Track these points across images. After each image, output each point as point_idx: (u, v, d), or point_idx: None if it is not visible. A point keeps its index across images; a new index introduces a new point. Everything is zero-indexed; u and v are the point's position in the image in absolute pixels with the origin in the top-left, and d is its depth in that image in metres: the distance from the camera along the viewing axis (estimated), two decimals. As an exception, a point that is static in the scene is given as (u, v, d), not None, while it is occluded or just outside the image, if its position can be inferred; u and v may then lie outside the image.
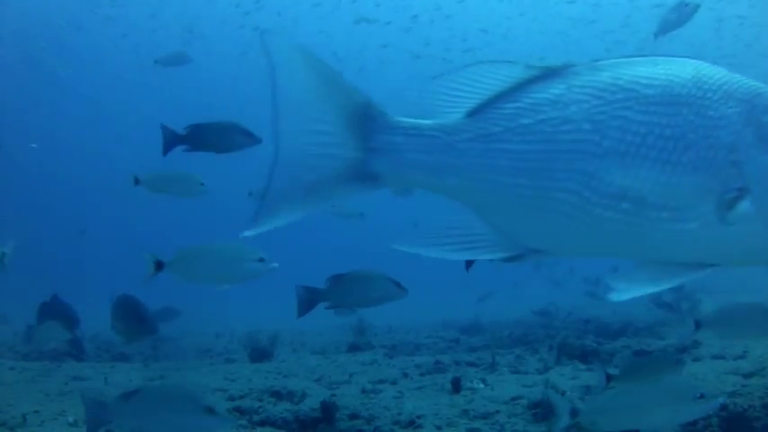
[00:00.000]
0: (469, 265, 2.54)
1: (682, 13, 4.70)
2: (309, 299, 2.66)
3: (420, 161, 1.05)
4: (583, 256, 1.14)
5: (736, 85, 1.05)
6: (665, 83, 1.03)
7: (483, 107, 1.06)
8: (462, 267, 2.50)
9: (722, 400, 1.96)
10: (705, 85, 1.04)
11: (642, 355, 4.22)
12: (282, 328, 6.47)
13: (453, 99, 1.08)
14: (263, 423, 3.04)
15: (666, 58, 1.07)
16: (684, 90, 1.03)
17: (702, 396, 1.89)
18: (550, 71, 1.05)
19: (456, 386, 3.45)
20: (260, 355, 5.26)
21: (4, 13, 17.87)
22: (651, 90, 1.03)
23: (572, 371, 3.97)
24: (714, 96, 1.03)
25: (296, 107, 1.04)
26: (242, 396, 3.41)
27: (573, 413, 1.98)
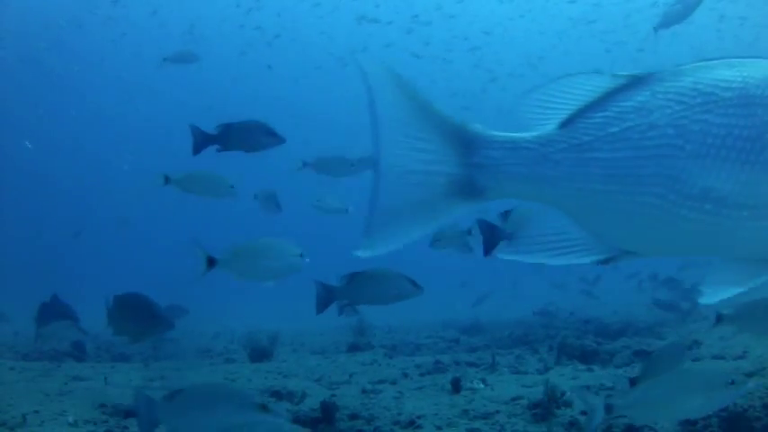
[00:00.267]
0: (488, 252, 2.57)
1: (687, 5, 4.63)
2: (327, 296, 2.67)
3: (518, 173, 1.08)
4: (671, 255, 1.17)
5: None
6: (741, 85, 1.06)
7: (573, 118, 1.10)
8: (462, 268, 2.51)
9: (751, 386, 1.99)
10: None
11: (642, 354, 4.22)
12: (282, 328, 6.47)
13: (545, 111, 1.11)
14: (263, 423, 3.04)
15: (740, 59, 1.10)
16: (759, 91, 1.05)
17: (733, 382, 1.94)
18: (636, 79, 1.09)
19: (456, 386, 3.45)
20: (260, 355, 5.25)
21: (4, 13, 17.87)
22: (729, 93, 1.05)
23: (572, 371, 3.97)
24: None
25: (396, 127, 1.06)
26: (242, 396, 3.41)
27: (608, 409, 1.99)
